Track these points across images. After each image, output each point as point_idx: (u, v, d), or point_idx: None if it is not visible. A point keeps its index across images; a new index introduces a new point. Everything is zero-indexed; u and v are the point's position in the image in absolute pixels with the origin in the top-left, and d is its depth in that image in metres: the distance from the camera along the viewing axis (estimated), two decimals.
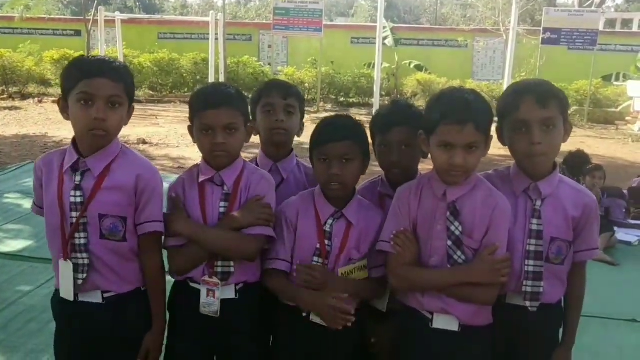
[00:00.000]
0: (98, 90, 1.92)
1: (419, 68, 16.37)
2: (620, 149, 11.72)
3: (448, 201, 1.98)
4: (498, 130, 2.06)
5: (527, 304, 2.03)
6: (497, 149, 2.15)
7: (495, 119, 2.03)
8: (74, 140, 2.05)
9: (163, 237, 2.15)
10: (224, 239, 2.08)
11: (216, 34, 14.08)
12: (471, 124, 1.87)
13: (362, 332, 2.21)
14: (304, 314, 2.10)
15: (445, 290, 1.98)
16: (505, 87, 13.53)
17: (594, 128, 13.78)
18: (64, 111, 2.01)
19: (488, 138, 1.96)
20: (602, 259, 5.48)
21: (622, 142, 12.37)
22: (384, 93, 15.32)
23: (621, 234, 6.10)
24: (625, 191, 6.85)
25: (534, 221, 2.01)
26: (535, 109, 1.92)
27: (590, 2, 24.32)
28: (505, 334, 2.07)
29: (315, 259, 2.12)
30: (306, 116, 2.52)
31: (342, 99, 15.89)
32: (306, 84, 15.52)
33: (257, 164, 2.41)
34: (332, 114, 12.29)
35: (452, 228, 1.97)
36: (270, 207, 2.13)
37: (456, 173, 1.93)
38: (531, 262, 2.01)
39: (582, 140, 12.27)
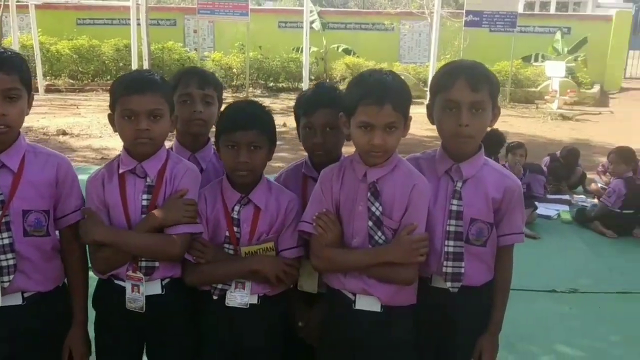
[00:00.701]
0: None
1: (347, 52, 16.41)
2: (540, 126, 12.20)
3: (368, 182, 1.99)
4: (428, 107, 2.08)
5: (448, 284, 2.05)
6: (426, 130, 2.16)
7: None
8: None
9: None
10: (146, 242, 2.03)
11: (138, 19, 13.60)
12: (389, 104, 1.88)
13: (290, 316, 2.22)
14: (215, 297, 2.09)
15: (366, 270, 1.99)
16: (431, 69, 13.81)
17: (515, 107, 14.25)
18: None
19: (407, 119, 1.98)
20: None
21: (541, 120, 12.87)
22: (313, 77, 15.28)
23: (541, 209, 6.37)
24: (544, 167, 7.15)
25: (454, 202, 2.03)
26: (466, 91, 1.94)
27: None
28: (432, 316, 2.09)
29: (227, 246, 2.10)
30: None
31: (271, 84, 15.76)
32: (234, 69, 15.28)
33: None
34: (262, 99, 12.08)
35: (373, 209, 1.98)
36: (194, 203, 2.08)
37: (376, 153, 1.94)
38: (451, 243, 2.03)
39: (504, 119, 12.68)
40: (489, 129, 2.10)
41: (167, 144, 2.24)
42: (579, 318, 4.15)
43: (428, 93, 2.10)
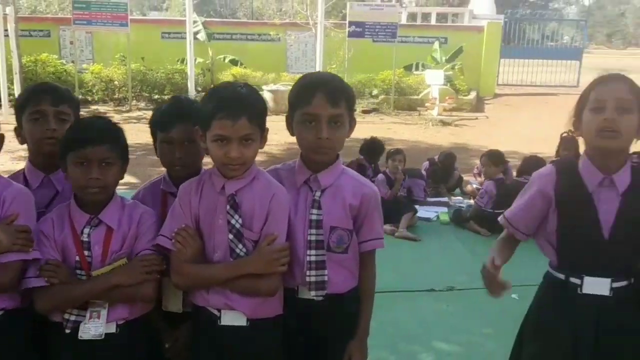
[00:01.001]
0: None
1: (234, 62, 16.29)
2: (422, 132, 12.73)
3: (227, 194, 1.96)
4: (287, 119, 2.08)
5: (312, 293, 2.05)
6: None
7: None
8: None
9: None
10: None
11: (6, 29, 12.73)
12: (244, 117, 1.88)
13: (154, 339, 2.14)
14: (68, 331, 1.96)
15: (228, 284, 1.96)
16: None
17: (399, 115, 14.80)
18: None
19: (264, 130, 1.98)
20: (405, 237, 5.91)
21: (423, 126, 13.43)
22: (200, 89, 15.00)
23: (422, 212, 6.62)
24: (423, 172, 7.46)
25: (314, 211, 2.05)
26: (325, 106, 1.96)
27: None
28: (300, 326, 2.09)
29: (78, 272, 1.98)
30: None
31: (156, 96, 15.28)
32: (115, 82, 14.69)
33: (24, 177, 2.20)
34: (147, 112, 11.60)
35: (233, 221, 1.96)
36: (27, 229, 1.93)
37: (233, 166, 1.93)
38: (313, 252, 2.04)
39: (389, 126, 13.14)
40: (351, 137, 2.14)
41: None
42: (456, 315, 4.33)
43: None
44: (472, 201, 6.98)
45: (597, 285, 2.05)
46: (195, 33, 15.38)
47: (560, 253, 2.12)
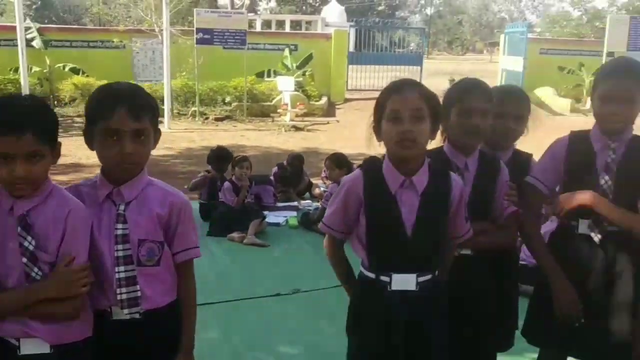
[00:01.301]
0: None
1: (75, 71, 15.36)
2: (275, 138, 12.88)
3: (17, 215, 1.82)
4: (85, 132, 1.98)
5: (126, 312, 1.97)
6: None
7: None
8: None
9: None
10: None
11: None
12: (30, 132, 1.76)
13: None
14: None
15: (25, 311, 1.81)
16: (165, 87, 13.66)
17: (253, 121, 14.86)
18: None
19: (56, 143, 1.88)
20: (253, 243, 5.91)
21: (276, 132, 13.61)
22: None
23: (271, 217, 6.67)
24: (271, 177, 7.53)
25: (119, 226, 1.97)
26: (128, 121, 1.88)
27: (241, 4, 26.26)
28: (121, 346, 1.99)
29: None
30: None
31: None
32: None
33: None
34: None
35: (25, 244, 1.82)
36: None
37: (20, 185, 1.80)
38: (122, 268, 1.96)
39: (242, 133, 13.15)
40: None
41: None
42: (301, 317, 4.39)
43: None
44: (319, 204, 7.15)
45: (404, 282, 2.16)
46: (30, 40, 14.34)
47: (369, 253, 2.21)
